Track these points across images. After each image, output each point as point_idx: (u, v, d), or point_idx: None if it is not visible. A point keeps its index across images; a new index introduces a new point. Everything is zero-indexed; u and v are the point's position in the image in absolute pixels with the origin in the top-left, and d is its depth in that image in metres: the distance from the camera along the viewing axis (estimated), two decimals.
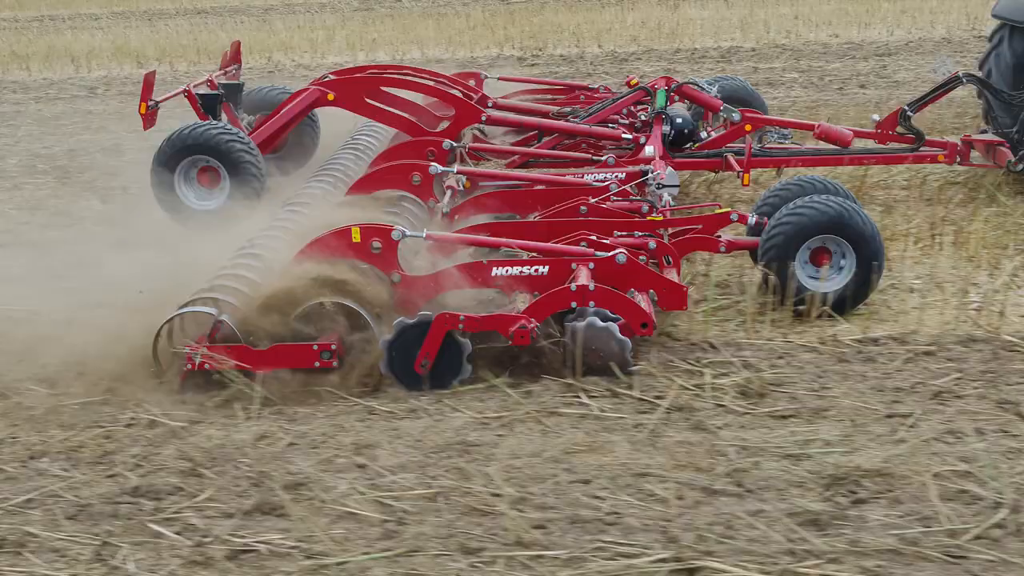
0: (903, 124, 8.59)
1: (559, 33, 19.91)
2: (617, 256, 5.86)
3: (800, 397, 5.30)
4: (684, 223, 6.73)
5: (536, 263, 5.88)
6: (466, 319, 5.53)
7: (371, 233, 5.89)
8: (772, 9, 21.46)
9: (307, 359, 5.56)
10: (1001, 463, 4.55)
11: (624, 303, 5.64)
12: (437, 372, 5.55)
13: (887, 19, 19.59)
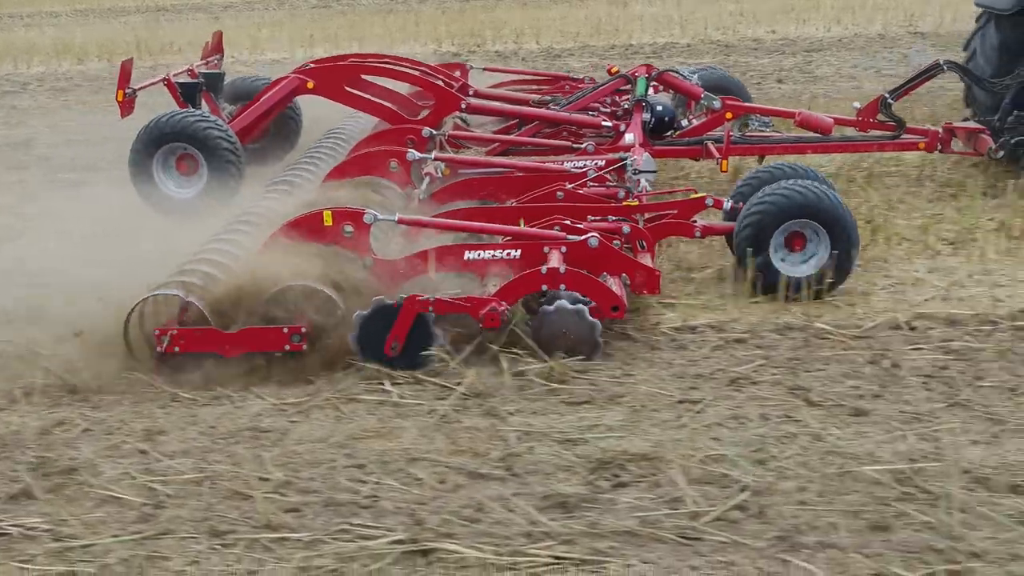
0: (884, 112, 8.58)
1: (500, 29, 19.85)
2: (589, 240, 5.86)
3: (600, 384, 5.29)
4: (660, 208, 6.72)
5: (509, 247, 5.87)
6: (436, 302, 5.52)
7: (343, 217, 5.88)
8: (717, 6, 21.47)
9: (277, 342, 5.55)
10: (772, 447, 4.55)
11: (595, 286, 5.64)
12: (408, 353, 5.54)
13: (827, 16, 19.59)
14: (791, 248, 6.32)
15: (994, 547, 3.79)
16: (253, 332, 5.56)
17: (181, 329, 5.56)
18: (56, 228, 7.60)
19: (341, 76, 8.44)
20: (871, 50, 15.75)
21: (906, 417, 4.82)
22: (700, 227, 6.51)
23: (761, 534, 3.94)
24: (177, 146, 7.76)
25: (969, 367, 5.35)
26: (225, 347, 5.55)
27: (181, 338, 5.55)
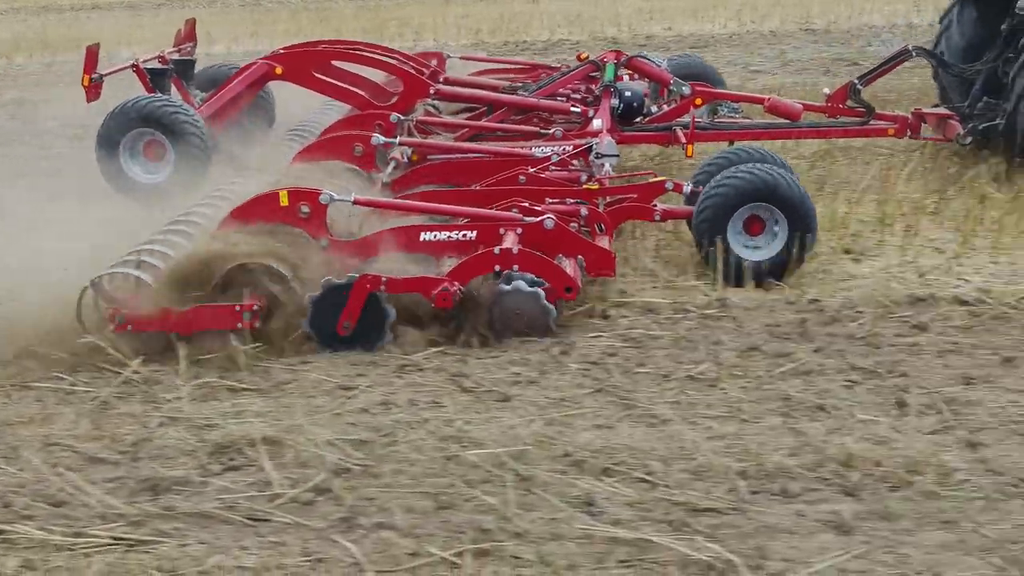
0: (853, 98, 8.59)
1: (402, 27, 19.80)
2: (545, 221, 5.86)
3: (274, 372, 5.33)
4: (621, 192, 6.73)
5: (464, 228, 5.88)
6: (388, 281, 5.53)
7: (299, 197, 5.88)
8: (628, 4, 21.47)
9: (230, 320, 5.55)
10: (400, 432, 4.61)
11: (548, 267, 5.64)
12: (360, 333, 5.55)
13: (728, 13, 19.62)
14: (749, 232, 6.33)
15: (538, 527, 3.85)
16: (205, 310, 5.56)
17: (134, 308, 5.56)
18: None
19: (310, 62, 8.45)
20: (755, 47, 15.72)
21: (547, 403, 4.86)
22: (660, 211, 6.52)
23: (328, 516, 4.00)
24: (144, 131, 7.76)
25: (638, 354, 5.37)
26: (178, 325, 5.56)
27: (135, 316, 5.56)
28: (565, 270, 5.69)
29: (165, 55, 8.79)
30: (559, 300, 5.64)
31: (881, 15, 18.66)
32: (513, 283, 5.54)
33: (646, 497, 4.03)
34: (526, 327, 5.55)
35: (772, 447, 4.37)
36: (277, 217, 5.86)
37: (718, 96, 8.87)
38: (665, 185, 6.63)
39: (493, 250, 5.63)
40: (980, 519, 3.82)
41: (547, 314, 5.56)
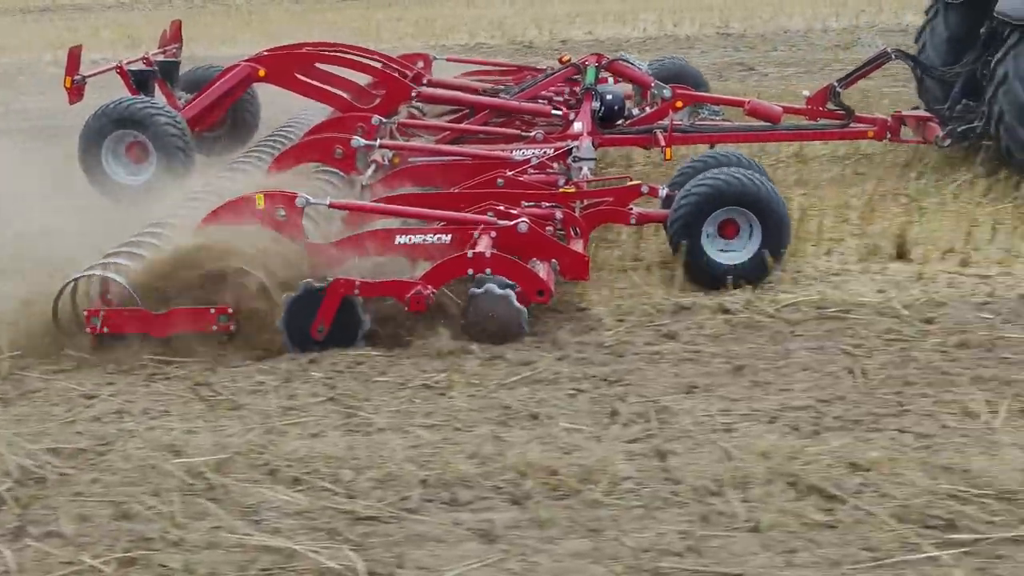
0: (833, 100, 8.64)
1: (331, 29, 19.50)
2: (519, 225, 5.91)
3: (27, 381, 5.39)
4: (597, 195, 6.77)
5: (439, 231, 5.93)
6: (362, 284, 5.58)
7: (275, 200, 5.93)
8: (559, 7, 21.42)
9: (205, 322, 5.62)
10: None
11: (520, 271, 5.69)
12: (334, 337, 5.60)
13: (652, 18, 19.56)
14: (724, 235, 6.38)
15: (197, 536, 3.94)
16: (181, 313, 5.63)
17: (109, 310, 5.62)
18: None
19: (293, 64, 8.48)
20: (665, 50, 15.56)
21: (275, 412, 4.93)
22: (635, 214, 6.56)
23: (3, 524, 4.10)
24: (126, 133, 7.80)
25: (385, 362, 5.40)
26: (153, 328, 5.62)
27: (110, 319, 5.62)
28: (538, 273, 5.75)
29: (150, 57, 8.81)
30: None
31: (803, 18, 18.63)
32: (485, 286, 5.60)
33: (315, 506, 4.11)
34: (498, 330, 5.61)
35: (465, 455, 4.43)
36: (254, 220, 5.91)
37: (698, 99, 8.91)
38: (641, 189, 6.68)
39: (466, 253, 5.68)
40: (627, 528, 3.89)
41: (519, 317, 5.62)
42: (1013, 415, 4.67)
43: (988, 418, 4.64)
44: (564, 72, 8.84)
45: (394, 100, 8.48)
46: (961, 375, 5.06)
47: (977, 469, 4.19)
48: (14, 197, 7.35)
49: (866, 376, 5.08)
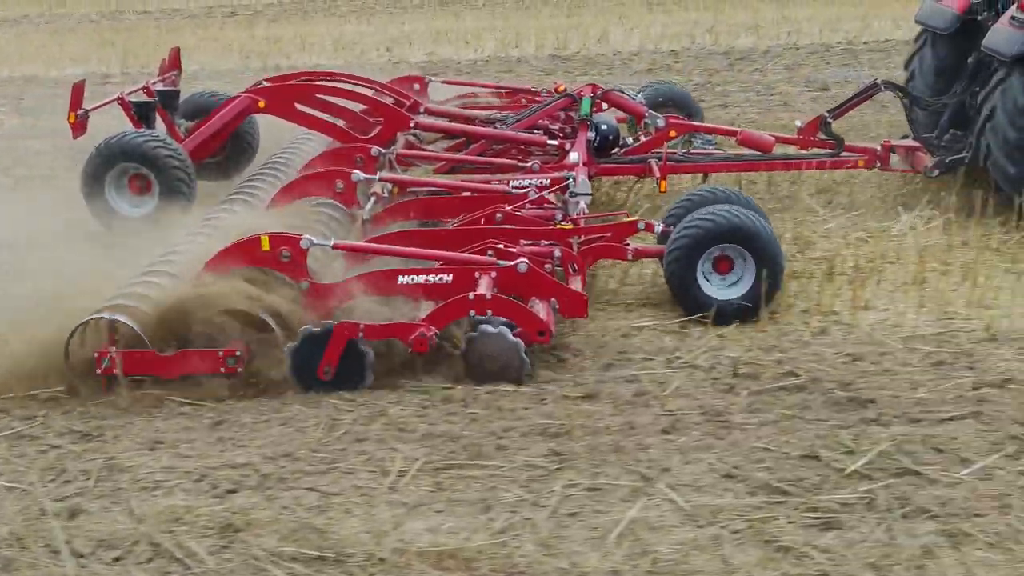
0: (823, 130, 8.80)
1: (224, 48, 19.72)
2: (518, 266, 6.04)
3: None
4: (593, 232, 6.90)
5: (440, 271, 6.06)
6: (366, 327, 5.71)
7: (280, 242, 6.05)
8: (410, 28, 21.40)
9: (213, 364, 5.74)
10: None
11: (521, 312, 5.83)
12: (340, 378, 5.73)
13: (500, 36, 19.40)
14: (718, 271, 6.52)
15: None
16: (189, 355, 5.75)
17: (120, 352, 5.74)
18: None
19: (293, 95, 8.60)
20: (486, 74, 15.41)
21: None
22: (632, 250, 6.70)
23: None
24: (128, 166, 7.91)
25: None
26: (163, 369, 5.74)
27: (120, 360, 5.73)
28: (538, 314, 5.88)
29: (150, 86, 8.92)
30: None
31: (638, 42, 18.60)
32: (484, 328, 5.73)
33: None
34: (499, 371, 5.74)
35: None
36: (258, 261, 6.04)
37: (692, 128, 9.06)
38: (637, 225, 6.82)
39: (468, 296, 5.81)
40: None
41: (520, 358, 5.75)
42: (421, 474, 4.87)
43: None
44: (560, 102, 8.97)
45: (392, 130, 8.60)
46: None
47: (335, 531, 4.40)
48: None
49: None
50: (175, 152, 8.00)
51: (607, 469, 4.85)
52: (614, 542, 4.29)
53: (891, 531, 4.29)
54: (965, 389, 5.51)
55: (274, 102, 8.54)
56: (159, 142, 7.98)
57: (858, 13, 19.51)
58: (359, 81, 9.35)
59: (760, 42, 17.69)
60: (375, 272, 6.07)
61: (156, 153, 7.90)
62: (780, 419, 5.26)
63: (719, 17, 20.22)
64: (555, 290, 6.10)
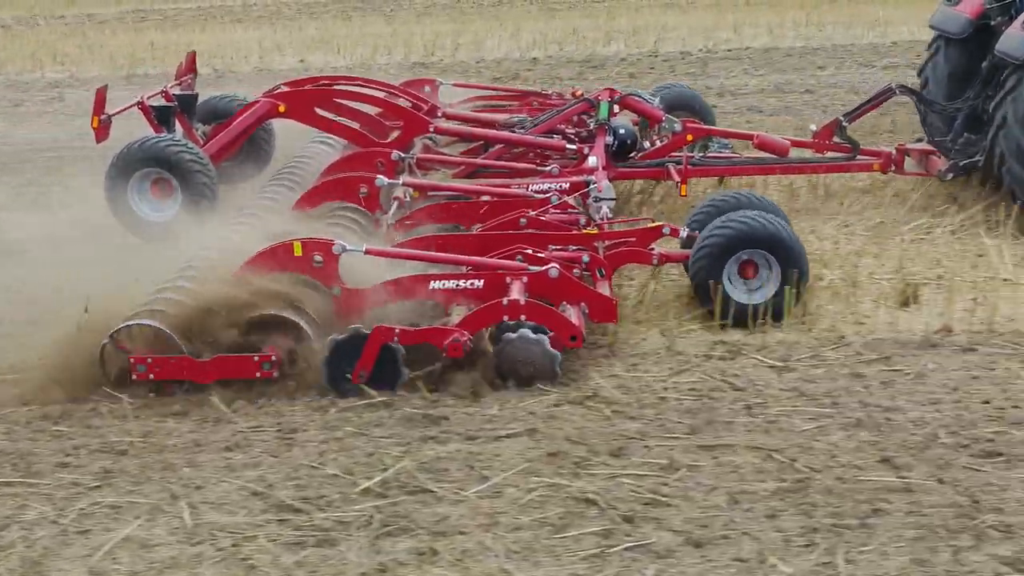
0: (839, 134, 8.87)
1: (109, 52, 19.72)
2: (550, 271, 6.10)
3: None
4: (618, 236, 6.96)
5: (472, 277, 6.12)
6: (401, 332, 5.76)
7: (312, 247, 6.10)
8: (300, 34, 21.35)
9: (248, 370, 5.79)
10: None
11: (553, 316, 5.88)
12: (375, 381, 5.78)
13: (372, 47, 19.30)
14: (744, 276, 6.59)
15: None
16: (225, 360, 5.80)
17: (156, 357, 5.78)
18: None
19: (312, 100, 8.66)
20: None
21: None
22: (657, 255, 6.76)
23: None
24: (151, 171, 7.95)
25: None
26: (198, 374, 5.79)
27: (156, 366, 5.78)
28: (570, 319, 5.94)
29: (168, 91, 8.95)
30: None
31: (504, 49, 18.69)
32: (519, 332, 5.79)
33: None
34: (532, 376, 5.80)
35: None
36: (291, 267, 6.09)
37: (709, 132, 9.13)
38: (663, 230, 6.88)
39: (501, 301, 5.87)
40: None
41: (553, 363, 5.81)
42: None
43: None
44: (576, 107, 9.03)
45: (411, 134, 8.66)
46: None
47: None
48: None
49: None
50: (197, 156, 8.04)
51: (145, 487, 4.94)
52: (99, 559, 4.39)
53: (367, 549, 4.38)
54: (544, 406, 5.61)
55: (294, 107, 8.60)
56: (181, 146, 8.02)
57: (728, 22, 19.98)
58: (374, 85, 9.40)
59: (625, 49, 17.96)
60: (407, 277, 6.13)
61: (179, 157, 7.94)
62: (345, 436, 5.36)
63: (611, 23, 20.44)
64: (586, 294, 6.16)
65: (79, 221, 8.15)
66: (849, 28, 19.04)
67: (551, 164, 8.32)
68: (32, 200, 9.76)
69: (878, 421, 5.32)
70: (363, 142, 8.61)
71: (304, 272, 6.09)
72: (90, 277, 6.41)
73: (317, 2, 25.69)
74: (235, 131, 8.57)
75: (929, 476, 4.78)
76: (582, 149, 8.58)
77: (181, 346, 5.79)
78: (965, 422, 5.28)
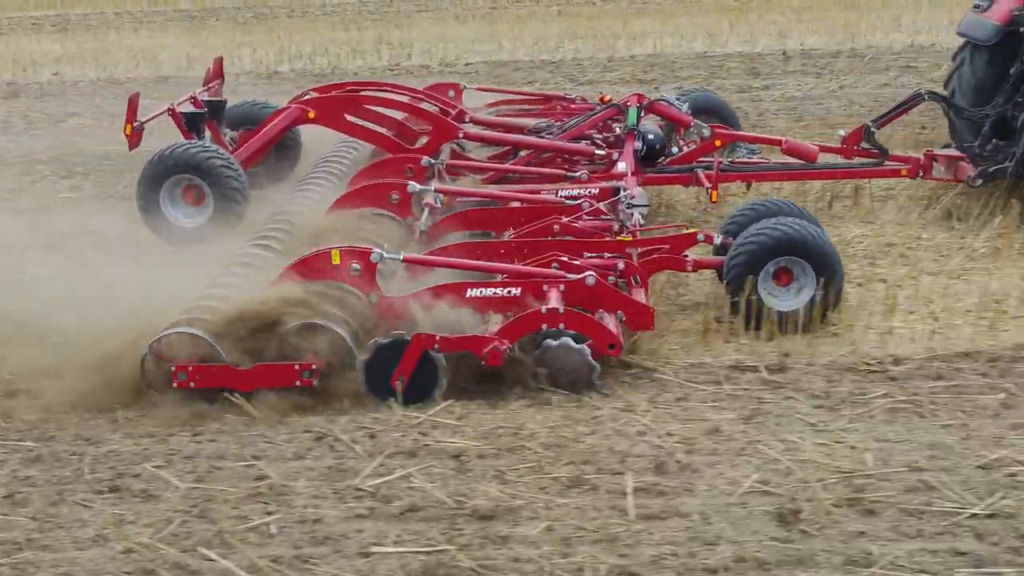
0: (867, 140, 8.87)
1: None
2: (586, 279, 6.11)
3: None
4: (652, 243, 6.97)
5: (509, 285, 6.13)
6: (441, 339, 5.78)
7: (350, 256, 6.13)
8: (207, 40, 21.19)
9: (289, 378, 5.81)
10: None
11: (592, 325, 5.90)
12: (413, 388, 5.80)
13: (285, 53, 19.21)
14: (778, 282, 6.60)
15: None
16: (266, 368, 5.82)
17: (197, 366, 5.81)
18: None
19: (342, 105, 8.69)
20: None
21: None
22: (691, 262, 6.77)
23: None
24: (182, 177, 7.99)
25: None
26: (239, 382, 5.81)
27: (197, 374, 5.81)
28: (608, 327, 5.95)
29: (197, 97, 8.99)
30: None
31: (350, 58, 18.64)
32: (560, 340, 5.81)
33: None
34: (571, 383, 5.82)
35: None
36: (329, 275, 6.11)
37: (736, 138, 9.14)
38: (697, 237, 6.89)
39: (540, 310, 5.88)
40: None
41: (592, 371, 5.83)
42: None
43: None
44: (605, 112, 9.04)
45: (440, 139, 8.68)
46: None
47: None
48: None
49: None
50: (228, 163, 8.08)
51: None
52: None
53: None
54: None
55: (323, 113, 8.63)
56: (212, 153, 8.05)
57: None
58: (401, 90, 9.42)
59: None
60: (444, 285, 6.14)
61: (210, 164, 7.98)
62: None
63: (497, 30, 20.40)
64: (622, 302, 6.17)
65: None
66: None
67: (579, 170, 8.33)
68: None
69: None
70: (393, 148, 8.63)
71: (342, 280, 6.11)
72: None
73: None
74: (265, 137, 8.61)
75: None
76: (611, 155, 8.59)
77: (222, 354, 5.81)
78: None
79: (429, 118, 8.84)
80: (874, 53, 16.81)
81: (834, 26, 19.22)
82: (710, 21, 20.31)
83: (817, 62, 16.37)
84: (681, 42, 18.64)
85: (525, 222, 7.21)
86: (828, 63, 16.26)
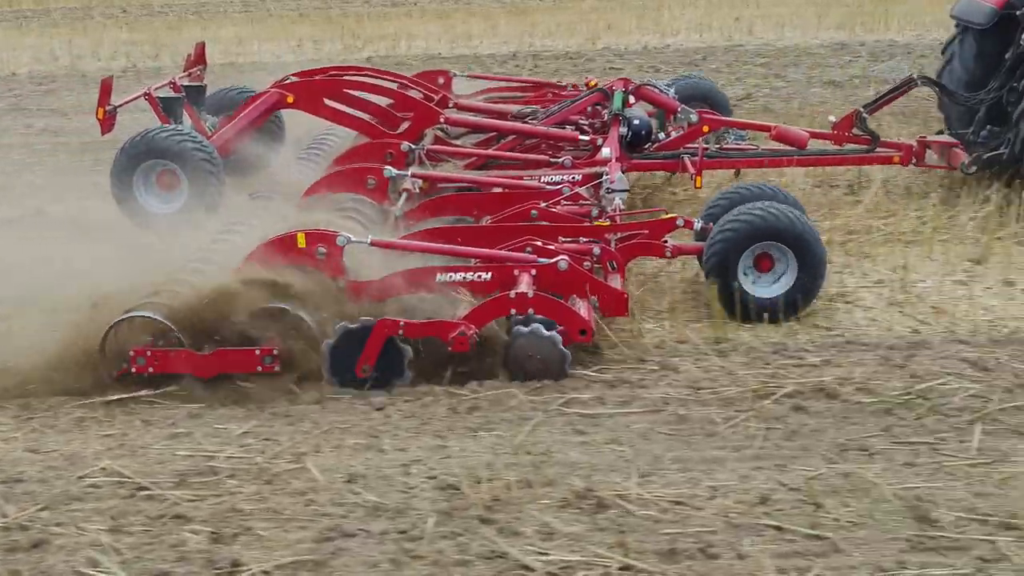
0: (859, 126, 8.69)
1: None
2: (559, 263, 5.95)
3: None
4: (631, 228, 6.80)
5: (480, 269, 5.97)
6: (406, 325, 5.62)
7: (316, 239, 5.97)
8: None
9: (250, 364, 5.65)
10: None
11: (562, 310, 5.73)
12: (379, 375, 5.64)
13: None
14: (759, 269, 6.42)
15: None
16: (226, 354, 5.67)
17: (155, 350, 5.66)
18: None
19: (321, 90, 8.52)
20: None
21: None
22: (671, 247, 6.60)
23: None
24: (157, 163, 7.83)
25: None
26: (198, 368, 5.66)
27: (155, 359, 5.66)
28: (579, 312, 5.78)
29: (176, 81, 8.83)
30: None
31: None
32: (531, 327, 5.64)
33: None
34: (541, 372, 5.65)
35: None
36: (295, 258, 5.95)
37: (725, 124, 8.96)
38: (676, 222, 6.71)
39: (509, 294, 5.72)
40: None
41: (562, 357, 5.66)
42: None
43: None
44: (591, 98, 8.86)
45: (422, 125, 8.51)
46: None
47: None
48: None
49: None
50: (203, 147, 7.90)
51: None
52: None
53: None
54: None
55: (302, 97, 8.46)
56: (187, 138, 7.89)
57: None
58: (386, 76, 9.25)
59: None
60: (413, 270, 5.98)
61: (182, 148, 7.81)
62: None
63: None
64: (596, 287, 6.01)
65: None
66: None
67: (563, 155, 8.16)
68: None
69: None
70: (373, 133, 8.47)
71: (308, 264, 5.95)
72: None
73: None
74: (243, 121, 8.43)
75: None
76: (595, 140, 8.41)
77: (183, 340, 5.66)
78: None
79: (410, 103, 8.66)
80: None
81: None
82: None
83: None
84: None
85: (504, 207, 7.05)
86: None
